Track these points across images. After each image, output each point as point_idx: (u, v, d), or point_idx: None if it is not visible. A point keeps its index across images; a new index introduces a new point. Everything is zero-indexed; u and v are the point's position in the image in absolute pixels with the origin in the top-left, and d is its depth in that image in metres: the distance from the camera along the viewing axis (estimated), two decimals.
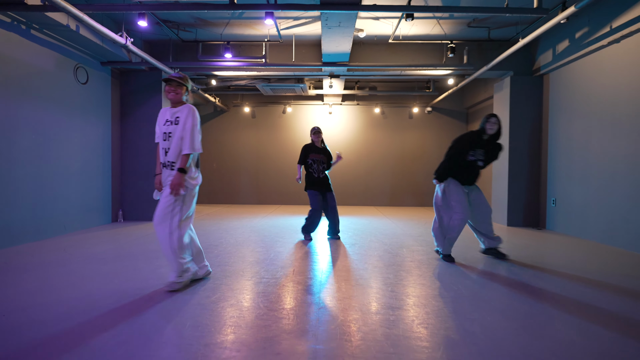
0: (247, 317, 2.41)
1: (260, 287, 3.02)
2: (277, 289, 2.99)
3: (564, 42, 5.84)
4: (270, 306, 2.61)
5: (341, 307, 2.62)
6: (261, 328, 2.24)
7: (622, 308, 2.66)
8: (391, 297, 2.82)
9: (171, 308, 2.55)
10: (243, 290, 2.95)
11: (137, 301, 2.68)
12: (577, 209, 5.65)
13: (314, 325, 2.30)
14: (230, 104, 10.14)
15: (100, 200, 6.32)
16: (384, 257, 4.14)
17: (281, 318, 2.41)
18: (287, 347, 2.01)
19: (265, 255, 4.18)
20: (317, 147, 5.12)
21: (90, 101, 6.03)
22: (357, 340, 2.11)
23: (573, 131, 5.76)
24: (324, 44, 5.51)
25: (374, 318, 2.42)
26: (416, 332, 2.22)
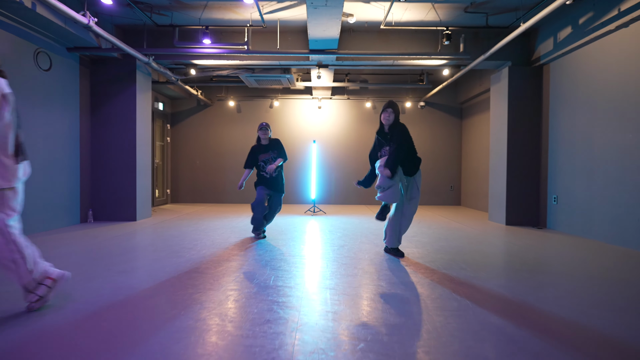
0: (207, 340, 1.95)
1: (230, 303, 2.57)
2: (247, 302, 2.54)
3: (566, 28, 5.48)
4: (237, 325, 2.15)
5: (324, 326, 2.18)
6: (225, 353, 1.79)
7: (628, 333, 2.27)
8: (385, 311, 2.38)
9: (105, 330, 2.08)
10: (208, 304, 2.49)
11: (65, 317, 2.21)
12: (581, 207, 5.29)
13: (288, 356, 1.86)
14: (214, 98, 9.63)
15: (66, 198, 5.78)
16: (375, 260, 3.71)
17: (249, 346, 1.95)
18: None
19: (242, 259, 3.72)
20: (264, 145, 4.71)
21: (55, 90, 5.50)
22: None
23: (576, 124, 5.41)
24: (310, 28, 5.06)
25: (363, 334, 1.98)
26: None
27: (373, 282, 2.99)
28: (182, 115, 9.70)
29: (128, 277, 3.06)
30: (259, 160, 4.68)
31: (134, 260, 3.63)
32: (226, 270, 3.31)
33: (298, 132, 9.68)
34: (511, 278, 3.13)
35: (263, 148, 4.70)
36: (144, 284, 2.87)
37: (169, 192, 9.60)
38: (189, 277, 3.06)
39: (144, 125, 6.64)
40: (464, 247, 4.42)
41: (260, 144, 4.73)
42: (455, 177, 9.77)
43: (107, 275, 3.10)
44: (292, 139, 9.64)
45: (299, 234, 5.21)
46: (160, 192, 9.20)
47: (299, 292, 2.72)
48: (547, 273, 3.31)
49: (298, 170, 9.64)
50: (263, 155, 4.67)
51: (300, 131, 9.68)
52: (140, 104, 6.48)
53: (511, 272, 3.33)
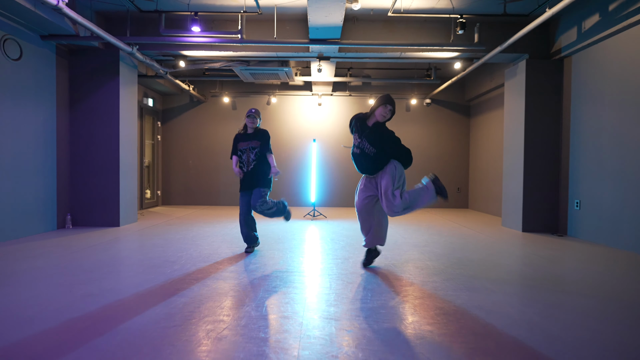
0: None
1: (208, 343, 2.04)
2: (231, 342, 2.01)
3: (593, 16, 4.96)
4: None
5: None
6: None
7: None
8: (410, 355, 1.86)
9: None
10: (181, 345, 1.96)
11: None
12: (608, 213, 4.78)
13: None
14: (208, 94, 9.08)
15: (41, 202, 5.24)
16: (389, 276, 3.18)
17: None
18: None
19: (232, 277, 3.19)
20: (247, 134, 4.10)
21: (27, 82, 4.95)
22: None
23: (603, 122, 4.89)
24: (311, 13, 4.52)
25: None
26: None
27: (388, 309, 2.46)
28: (174, 112, 9.15)
29: (93, 302, 2.52)
30: (238, 150, 4.09)
31: (104, 279, 3.09)
32: (211, 293, 2.78)
33: (297, 131, 9.14)
34: (550, 303, 2.61)
35: (245, 136, 4.10)
36: (107, 312, 2.33)
37: (160, 194, 9.05)
38: (166, 303, 2.53)
39: (129, 121, 6.09)
40: (484, 259, 3.90)
41: (245, 132, 4.13)
42: (463, 179, 9.26)
43: (67, 301, 2.56)
44: (290, 138, 9.11)
45: (297, 243, 4.68)
46: (151, 193, 8.66)
47: (296, 326, 2.20)
48: (584, 295, 2.79)
49: (297, 171, 9.10)
50: (243, 143, 4.06)
51: (299, 129, 9.15)
52: (125, 98, 5.94)
53: (545, 293, 2.81)
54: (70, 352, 1.83)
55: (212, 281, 3.06)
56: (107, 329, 2.12)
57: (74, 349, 1.87)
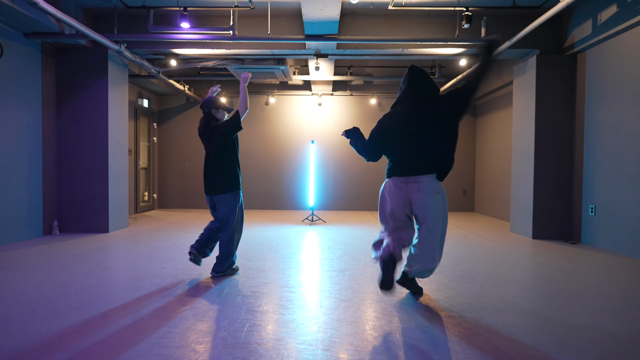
0: None
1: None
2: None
3: (610, 7, 4.61)
4: None
5: None
6: None
7: None
8: None
9: None
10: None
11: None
12: (626, 220, 4.42)
13: None
14: (205, 94, 8.82)
15: (26, 208, 5.00)
16: (392, 302, 2.88)
17: None
18: None
19: (215, 293, 2.90)
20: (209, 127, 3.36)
21: (8, 82, 4.71)
22: None
23: (622, 122, 4.54)
24: (305, 6, 4.23)
25: None
26: None
27: (381, 334, 2.16)
28: (170, 113, 8.91)
29: (53, 324, 2.25)
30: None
31: (75, 295, 2.82)
32: (187, 313, 2.50)
33: (296, 131, 8.86)
34: (568, 327, 2.29)
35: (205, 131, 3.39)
36: (66, 340, 2.06)
37: (156, 197, 8.82)
38: (135, 324, 2.25)
39: (119, 122, 5.85)
40: (493, 272, 3.58)
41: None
42: (469, 181, 8.91)
43: (23, 325, 2.29)
44: (290, 139, 8.83)
45: (292, 252, 4.39)
46: (148, 196, 8.42)
47: (277, 358, 1.90)
48: (607, 316, 2.47)
49: (296, 173, 8.81)
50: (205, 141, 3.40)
51: (298, 130, 8.86)
52: (114, 98, 5.69)
53: (562, 313, 2.49)
54: None
55: (191, 298, 2.77)
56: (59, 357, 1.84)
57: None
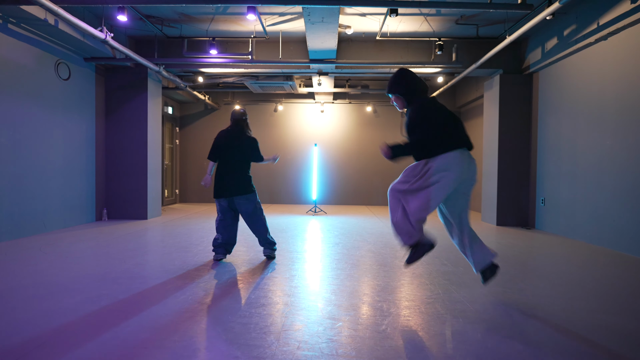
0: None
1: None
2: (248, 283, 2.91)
3: (552, 39, 5.77)
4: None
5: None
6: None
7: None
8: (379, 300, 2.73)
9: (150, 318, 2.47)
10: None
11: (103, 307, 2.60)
12: (565, 208, 5.58)
13: None
14: (221, 102, 10.05)
15: (83, 198, 6.23)
16: (370, 256, 4.06)
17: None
18: None
19: (245, 261, 4.09)
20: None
21: (73, 98, 5.94)
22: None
23: (561, 129, 5.70)
24: (309, 40, 5.43)
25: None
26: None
27: (357, 279, 3.34)
28: (191, 119, 10.14)
29: (142, 268, 3.45)
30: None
31: (146, 254, 4.02)
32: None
33: (302, 135, 10.06)
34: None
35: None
36: (153, 276, 3.25)
37: (178, 192, 10.05)
38: (193, 274, 3.44)
39: (155, 129, 7.07)
40: (451, 245, 4.75)
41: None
42: None
43: (122, 268, 3.49)
44: (296, 142, 10.03)
45: (298, 232, 5.57)
46: (170, 192, 9.64)
47: (289, 289, 3.09)
48: (523, 272, 3.64)
49: (301, 172, 10.01)
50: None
51: (304, 134, 10.06)
52: (151, 109, 6.91)
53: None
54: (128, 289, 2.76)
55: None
56: (157, 290, 3.04)
57: (135, 295, 2.80)
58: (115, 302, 2.57)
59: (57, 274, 3.22)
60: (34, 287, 2.88)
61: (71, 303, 2.54)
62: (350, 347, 1.98)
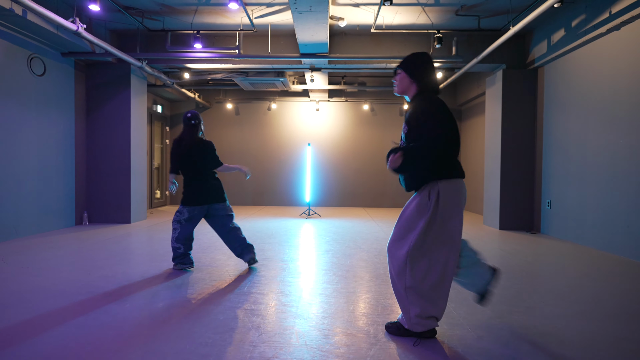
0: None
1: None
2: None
3: (559, 31, 5.39)
4: None
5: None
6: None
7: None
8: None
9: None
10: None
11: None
12: (573, 212, 5.21)
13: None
14: (213, 100, 9.70)
15: (61, 201, 5.87)
16: (356, 266, 3.70)
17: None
18: None
19: (229, 266, 3.74)
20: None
21: (49, 95, 5.58)
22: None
23: (569, 127, 5.32)
24: (298, 32, 5.06)
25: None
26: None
27: (345, 286, 2.98)
28: (181, 118, 9.77)
29: (107, 282, 3.09)
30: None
31: (118, 264, 3.67)
32: (202, 276, 3.32)
33: (296, 134, 9.70)
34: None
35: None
36: (120, 291, 2.90)
37: (168, 194, 9.69)
38: (165, 285, 3.08)
39: (139, 128, 6.71)
40: None
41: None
42: None
43: (86, 280, 3.13)
44: (290, 141, 9.67)
45: (289, 237, 5.21)
46: (160, 193, 9.29)
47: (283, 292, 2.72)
48: (531, 285, 3.27)
49: (294, 172, 9.65)
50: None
51: (298, 133, 9.69)
52: (135, 107, 6.56)
53: None
54: (89, 314, 2.40)
55: (204, 268, 3.61)
56: (119, 301, 2.68)
57: (93, 311, 2.44)
58: (63, 314, 2.21)
59: (8, 287, 2.87)
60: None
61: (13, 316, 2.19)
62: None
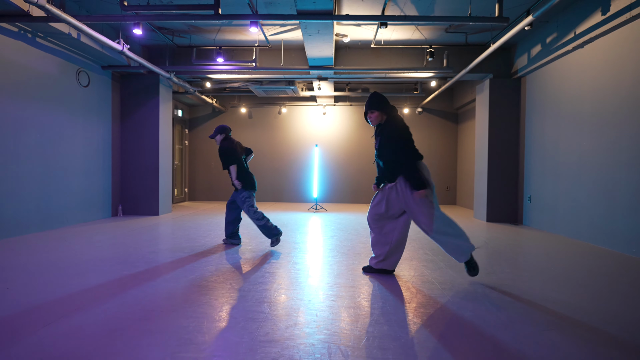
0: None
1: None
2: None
3: (537, 46, 6.13)
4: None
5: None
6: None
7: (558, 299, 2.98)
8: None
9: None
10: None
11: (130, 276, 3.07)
12: (548, 205, 5.94)
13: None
14: (228, 105, 10.55)
15: (100, 195, 6.76)
16: (356, 247, 4.49)
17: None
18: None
19: (248, 250, 4.55)
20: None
21: (92, 103, 6.47)
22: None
23: (545, 131, 6.06)
24: (308, 50, 5.87)
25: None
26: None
27: (346, 267, 3.77)
28: (199, 121, 10.67)
29: (157, 256, 3.93)
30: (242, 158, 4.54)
31: (161, 243, 4.51)
32: (235, 254, 4.13)
33: (305, 136, 10.51)
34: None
35: (240, 147, 4.60)
36: (170, 263, 3.73)
37: (187, 191, 10.57)
38: (200, 262, 3.90)
39: (166, 131, 7.58)
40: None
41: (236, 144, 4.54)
42: (452, 178, 10.42)
43: (138, 255, 3.97)
44: (299, 142, 10.49)
45: (299, 226, 6.01)
46: (179, 190, 10.17)
47: (290, 267, 3.53)
48: (498, 261, 4.03)
49: (303, 171, 10.47)
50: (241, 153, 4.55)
51: (306, 135, 10.51)
52: (163, 113, 7.42)
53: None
54: (151, 279, 3.24)
55: (225, 252, 4.43)
56: (173, 272, 3.52)
57: (153, 278, 3.28)
58: (135, 278, 3.04)
59: (83, 258, 3.72)
60: (68, 266, 3.37)
61: (96, 278, 3.02)
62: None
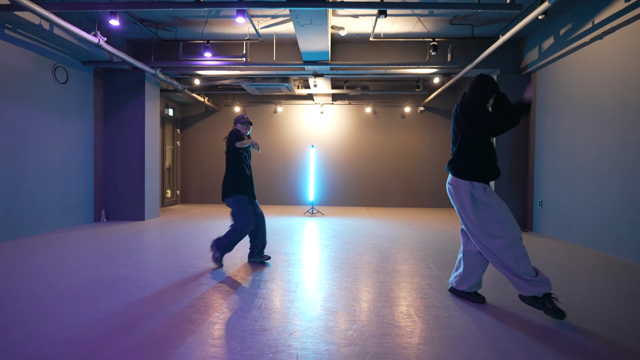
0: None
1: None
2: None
3: (549, 39, 5.67)
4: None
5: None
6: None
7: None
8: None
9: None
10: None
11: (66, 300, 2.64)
12: (562, 211, 5.48)
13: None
14: (221, 104, 10.12)
15: (81, 199, 6.33)
16: (352, 259, 4.05)
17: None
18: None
19: (237, 262, 4.12)
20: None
21: (71, 100, 6.04)
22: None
23: (558, 130, 5.59)
24: (301, 43, 5.42)
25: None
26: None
27: (338, 274, 3.32)
28: (191, 120, 10.23)
29: (126, 270, 3.49)
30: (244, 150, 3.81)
31: (135, 256, 4.07)
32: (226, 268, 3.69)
33: (301, 136, 10.07)
34: None
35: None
36: (136, 278, 3.29)
37: (179, 193, 10.14)
38: (180, 274, 3.47)
39: (153, 131, 7.15)
40: (444, 247, 4.70)
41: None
42: None
43: (109, 270, 3.54)
44: (295, 143, 10.05)
45: (293, 233, 5.58)
46: (171, 193, 9.74)
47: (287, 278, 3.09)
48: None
49: (300, 173, 10.02)
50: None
51: (303, 135, 10.07)
52: (149, 111, 6.99)
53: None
54: (110, 295, 2.80)
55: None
56: (138, 289, 3.07)
57: (114, 293, 2.84)
58: (91, 303, 2.61)
59: (40, 274, 3.28)
60: (14, 285, 2.94)
61: (39, 304, 2.59)
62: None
